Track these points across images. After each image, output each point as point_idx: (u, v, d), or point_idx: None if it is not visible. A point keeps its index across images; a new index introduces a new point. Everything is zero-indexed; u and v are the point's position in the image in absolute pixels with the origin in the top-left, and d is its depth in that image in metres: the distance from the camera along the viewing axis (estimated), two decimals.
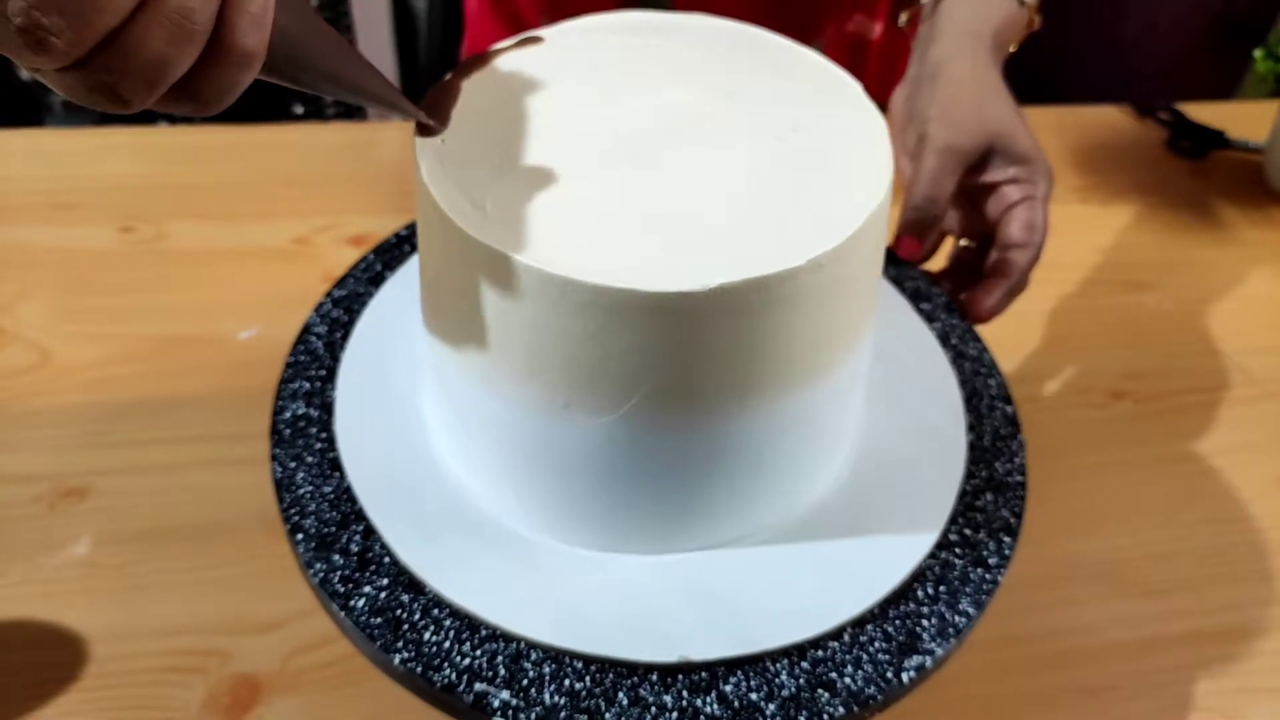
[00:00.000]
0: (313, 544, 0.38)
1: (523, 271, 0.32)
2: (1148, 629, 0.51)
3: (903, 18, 0.59)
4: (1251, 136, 0.86)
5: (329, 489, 0.40)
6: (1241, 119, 0.87)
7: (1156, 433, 0.62)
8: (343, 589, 0.37)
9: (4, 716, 0.43)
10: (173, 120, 1.24)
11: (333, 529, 0.39)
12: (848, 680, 0.36)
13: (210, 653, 0.46)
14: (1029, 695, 0.48)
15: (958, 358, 0.47)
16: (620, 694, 0.35)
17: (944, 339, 0.48)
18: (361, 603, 0.36)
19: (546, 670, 0.35)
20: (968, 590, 0.38)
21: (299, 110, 1.41)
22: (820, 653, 0.36)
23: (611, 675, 0.35)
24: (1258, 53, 0.98)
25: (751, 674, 0.36)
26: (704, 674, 0.36)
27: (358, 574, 0.37)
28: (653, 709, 0.35)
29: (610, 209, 0.34)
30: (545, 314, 0.33)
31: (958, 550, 0.40)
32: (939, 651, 0.36)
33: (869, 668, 0.36)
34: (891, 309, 0.49)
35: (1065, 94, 0.89)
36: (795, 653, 0.36)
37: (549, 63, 0.40)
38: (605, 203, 0.34)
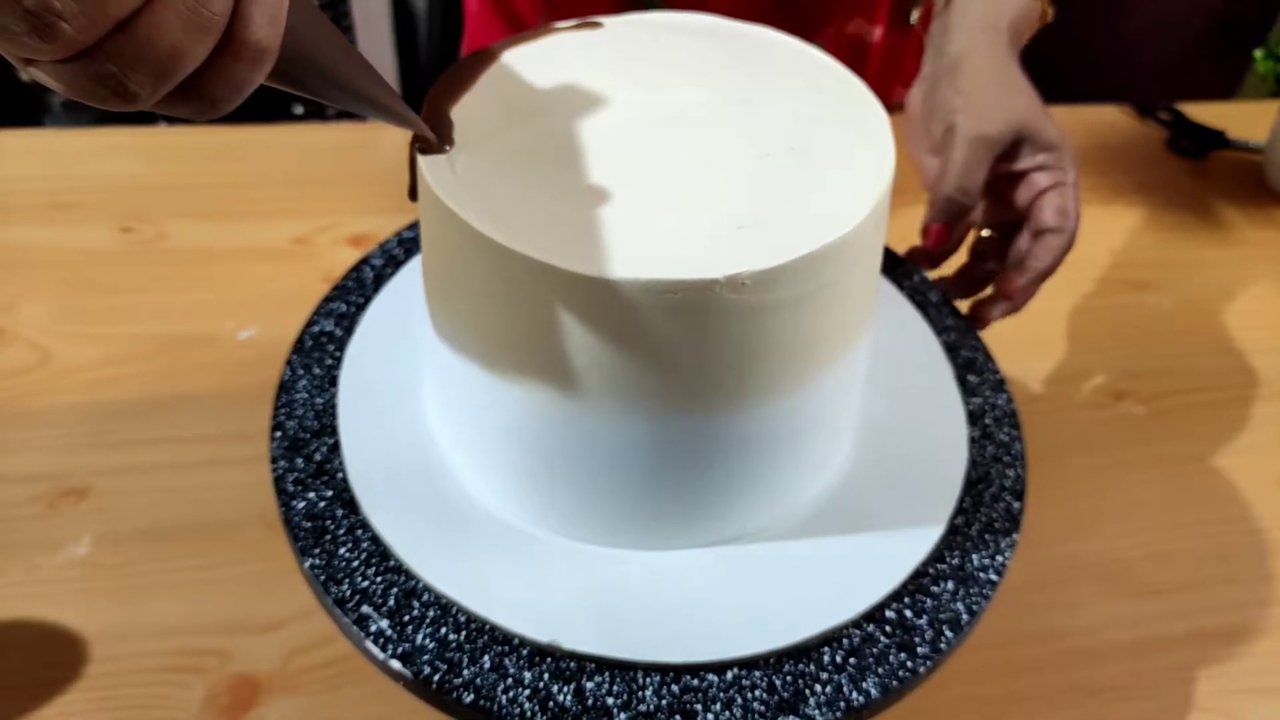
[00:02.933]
0: (285, 444, 0.41)
1: (472, 238, 0.33)
2: (1148, 629, 0.51)
3: (914, 15, 0.59)
4: (1251, 136, 0.86)
5: (321, 400, 0.43)
6: (1241, 119, 0.87)
7: (1156, 433, 0.62)
8: (291, 489, 0.40)
9: (4, 716, 0.43)
10: (172, 120, 1.24)
11: (307, 436, 0.42)
12: (710, 718, 0.35)
13: (210, 653, 0.46)
14: (1029, 695, 0.48)
15: (983, 438, 0.45)
16: (485, 656, 0.36)
17: (976, 416, 0.46)
18: (301, 506, 0.39)
19: (430, 614, 0.37)
20: (880, 671, 0.36)
21: (299, 110, 1.41)
22: (695, 681, 0.36)
23: (485, 637, 0.36)
24: (1258, 53, 0.98)
25: (618, 679, 0.35)
26: (572, 664, 0.36)
27: (310, 479, 0.40)
28: (509, 679, 0.35)
29: (590, 200, 0.34)
30: (485, 275, 0.34)
31: (889, 629, 0.37)
32: None
33: (738, 712, 0.35)
34: (931, 376, 0.47)
35: (1066, 94, 0.89)
36: (670, 674, 0.36)
37: (564, 58, 0.40)
38: (586, 193, 0.34)
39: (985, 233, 0.55)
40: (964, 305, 0.53)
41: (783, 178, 0.36)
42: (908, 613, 0.38)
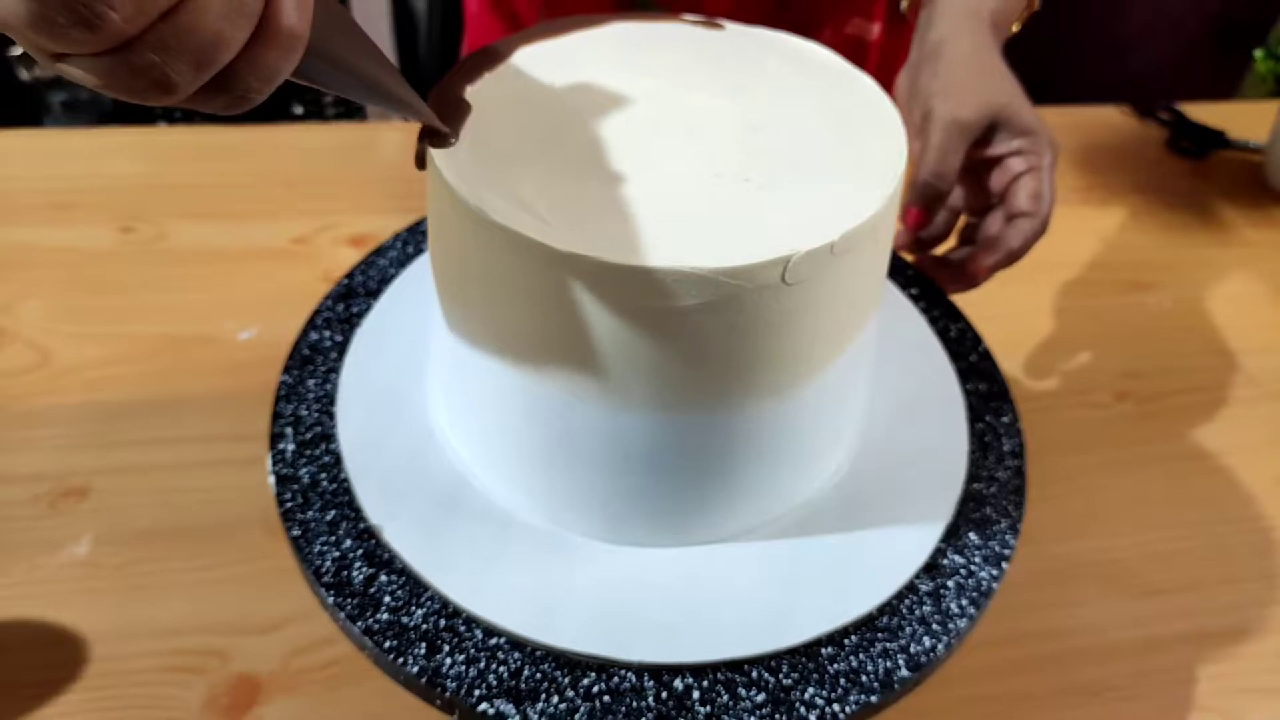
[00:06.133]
0: (341, 292, 0.49)
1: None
2: (1148, 629, 0.51)
3: (904, 3, 0.59)
4: (1251, 136, 0.86)
5: (394, 271, 0.51)
6: (1241, 119, 0.88)
7: (1157, 433, 0.62)
8: (318, 323, 0.48)
9: (4, 716, 0.43)
10: (172, 120, 1.24)
11: (361, 293, 0.49)
12: (457, 662, 0.36)
13: (210, 653, 0.46)
14: (1029, 695, 0.48)
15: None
16: (332, 511, 0.40)
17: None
18: (312, 338, 0.47)
19: (324, 459, 0.42)
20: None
21: (299, 110, 1.41)
22: (465, 629, 0.37)
23: (343, 497, 0.40)
24: (1258, 53, 0.98)
25: (408, 585, 0.38)
26: (385, 555, 0.39)
27: (336, 323, 0.48)
28: (334, 538, 0.39)
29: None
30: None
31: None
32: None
33: (491, 679, 0.35)
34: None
35: (1065, 94, 0.89)
36: (449, 608, 0.37)
37: (583, 54, 0.41)
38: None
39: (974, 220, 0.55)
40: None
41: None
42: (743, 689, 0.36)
